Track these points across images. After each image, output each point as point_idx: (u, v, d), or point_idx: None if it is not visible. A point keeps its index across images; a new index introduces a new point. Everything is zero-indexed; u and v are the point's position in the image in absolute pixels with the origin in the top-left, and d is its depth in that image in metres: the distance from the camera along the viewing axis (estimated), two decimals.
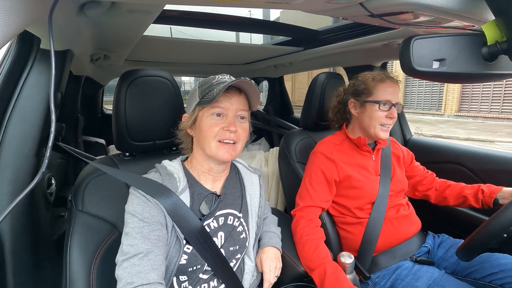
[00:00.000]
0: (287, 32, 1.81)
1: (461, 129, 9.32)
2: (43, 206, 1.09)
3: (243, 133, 0.83)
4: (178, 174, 0.82)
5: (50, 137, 0.55)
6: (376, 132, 1.16)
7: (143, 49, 1.78)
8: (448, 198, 1.25)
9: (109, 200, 0.87)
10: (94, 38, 1.18)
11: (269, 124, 3.10)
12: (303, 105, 1.49)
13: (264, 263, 0.92)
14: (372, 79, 1.18)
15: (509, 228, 0.78)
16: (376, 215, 1.14)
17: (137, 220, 0.72)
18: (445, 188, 1.27)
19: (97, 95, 3.16)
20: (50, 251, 1.07)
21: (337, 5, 0.76)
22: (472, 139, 7.77)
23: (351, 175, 1.17)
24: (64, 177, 1.59)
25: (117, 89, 0.91)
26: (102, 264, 0.81)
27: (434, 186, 1.30)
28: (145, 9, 0.89)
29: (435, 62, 0.59)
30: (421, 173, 1.36)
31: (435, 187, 1.30)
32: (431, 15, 0.76)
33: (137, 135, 0.94)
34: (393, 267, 1.10)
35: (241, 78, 0.76)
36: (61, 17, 0.74)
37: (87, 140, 2.50)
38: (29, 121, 0.89)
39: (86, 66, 1.67)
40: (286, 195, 1.54)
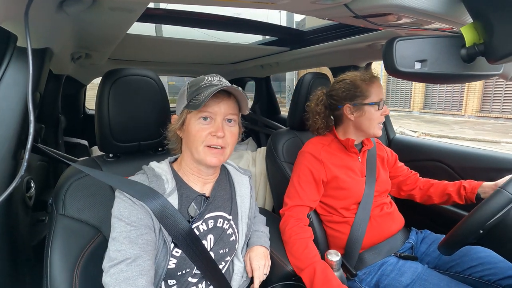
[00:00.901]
0: (273, 32, 1.82)
1: (472, 130, 9.15)
2: (22, 210, 1.05)
3: (231, 137, 0.81)
4: (166, 176, 0.80)
5: (29, 139, 0.52)
6: (375, 132, 1.18)
7: (127, 48, 1.74)
8: (432, 197, 1.28)
9: (92, 203, 0.84)
10: (74, 36, 1.14)
11: (256, 124, 3.11)
12: (290, 105, 1.50)
13: (253, 261, 0.92)
14: (363, 82, 1.17)
15: (485, 225, 0.81)
16: (361, 215, 1.16)
17: (124, 224, 0.71)
18: (428, 187, 1.30)
19: (79, 94, 3.07)
20: (30, 257, 1.03)
21: (322, 5, 0.77)
22: (478, 140, 7.69)
23: (338, 176, 1.18)
24: (44, 180, 1.53)
25: (99, 89, 0.89)
26: (85, 269, 0.78)
27: (418, 185, 1.34)
28: (129, 7, 0.87)
29: (417, 63, 0.61)
30: (405, 173, 1.39)
31: (419, 187, 1.33)
32: (412, 17, 0.78)
33: (121, 136, 0.91)
34: (378, 263, 1.13)
35: (228, 85, 0.75)
36: (38, 14, 0.71)
37: (68, 141, 2.42)
38: (6, 122, 0.85)
39: (67, 65, 1.61)
40: (274, 195, 1.54)
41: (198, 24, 1.54)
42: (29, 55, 0.51)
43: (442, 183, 1.28)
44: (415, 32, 0.99)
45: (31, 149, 0.53)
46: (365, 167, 1.25)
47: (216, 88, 0.72)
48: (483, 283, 1.00)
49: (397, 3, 0.69)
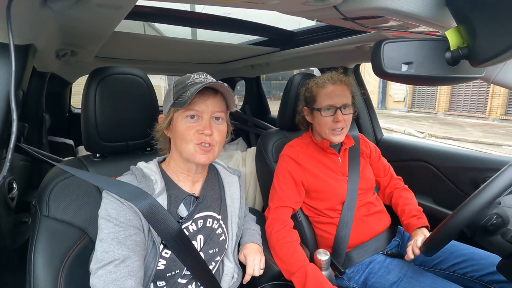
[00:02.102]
0: (263, 32, 1.82)
1: (482, 132, 9.00)
2: (4, 212, 1.01)
3: (219, 135, 0.80)
4: (155, 177, 0.79)
5: (12, 138, 0.51)
6: (329, 137, 1.19)
7: (115, 46, 1.71)
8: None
9: (78, 204, 0.82)
10: (60, 32, 1.11)
11: (246, 124, 3.10)
12: (280, 105, 1.51)
13: (248, 256, 0.92)
14: (315, 85, 1.20)
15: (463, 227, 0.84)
16: (346, 214, 1.18)
17: (112, 225, 0.69)
18: (395, 205, 1.31)
19: (64, 93, 2.99)
20: (12, 260, 1.00)
21: (312, 7, 0.78)
22: (480, 142, 7.68)
23: (317, 178, 1.20)
24: (27, 181, 1.49)
25: (86, 87, 0.87)
26: (70, 272, 0.76)
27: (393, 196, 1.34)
28: (116, 4, 0.85)
29: (403, 65, 0.62)
30: (388, 175, 1.39)
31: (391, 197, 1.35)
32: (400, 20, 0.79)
33: (108, 135, 0.90)
34: (366, 262, 1.14)
35: (214, 82, 0.74)
36: (21, 9, 0.68)
37: (53, 141, 2.35)
38: None
39: (52, 62, 1.57)
40: (263, 195, 1.55)
41: (187, 23, 1.53)
42: (12, 52, 0.50)
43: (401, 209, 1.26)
44: (402, 35, 1.01)
45: (13, 148, 0.51)
46: (347, 166, 1.27)
47: (202, 85, 0.71)
48: (466, 279, 1.04)
49: (385, 6, 0.70)
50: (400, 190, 1.34)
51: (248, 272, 0.89)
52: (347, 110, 1.18)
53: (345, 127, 1.19)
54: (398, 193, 1.32)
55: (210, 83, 0.73)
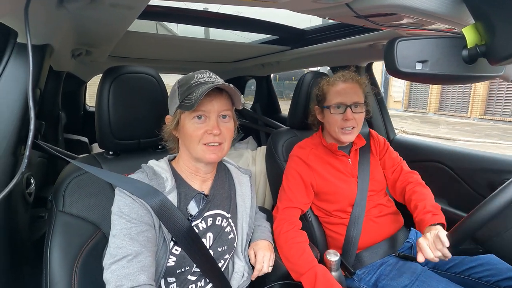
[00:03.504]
0: (274, 31, 1.81)
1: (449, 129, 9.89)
2: (22, 207, 1.05)
3: (227, 133, 0.81)
4: (165, 175, 0.80)
5: (30, 135, 0.52)
6: (338, 137, 1.17)
7: (128, 45, 1.74)
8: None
9: (92, 200, 0.84)
10: (75, 32, 1.14)
11: (257, 123, 3.11)
12: (290, 104, 1.50)
13: (258, 252, 0.92)
14: (326, 83, 1.19)
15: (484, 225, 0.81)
16: (356, 215, 1.16)
17: (124, 221, 0.71)
18: (409, 202, 1.19)
19: (79, 91, 3.07)
20: (29, 254, 1.03)
21: (324, 5, 0.77)
22: (438, 137, 8.55)
23: (327, 181, 1.18)
24: (44, 177, 1.53)
25: (100, 86, 0.89)
26: (84, 266, 0.79)
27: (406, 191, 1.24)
28: (129, 4, 0.87)
29: (418, 64, 0.61)
30: (397, 168, 1.30)
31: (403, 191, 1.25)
32: (414, 17, 0.78)
33: (120, 133, 0.91)
34: (377, 263, 1.13)
35: (219, 83, 0.74)
36: (38, 10, 0.71)
37: (69, 138, 2.42)
38: (5, 118, 0.85)
39: (67, 61, 1.61)
40: (273, 194, 1.54)
41: (199, 22, 1.54)
42: (29, 51, 0.51)
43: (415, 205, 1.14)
44: (417, 33, 0.99)
45: (31, 145, 0.53)
46: (357, 168, 1.24)
47: (208, 87, 0.71)
48: (482, 284, 1.01)
49: (399, 3, 0.68)
50: (413, 184, 1.22)
51: (257, 268, 0.89)
52: (358, 109, 1.15)
53: (356, 126, 1.16)
54: (411, 188, 1.21)
55: (217, 84, 0.73)
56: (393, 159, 1.33)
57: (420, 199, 1.13)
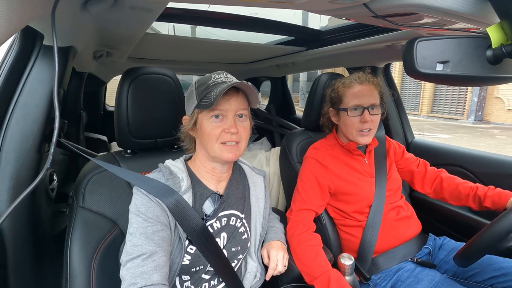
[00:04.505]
0: (290, 32, 1.81)
1: None
2: (45, 202, 1.09)
3: (244, 132, 0.82)
4: (181, 174, 0.82)
5: (54, 133, 0.55)
6: (356, 139, 1.15)
7: (146, 47, 1.78)
8: (444, 190, 1.21)
9: (110, 197, 0.87)
10: (97, 35, 1.18)
11: (271, 124, 3.10)
12: (305, 106, 1.49)
13: (272, 251, 0.92)
14: (342, 86, 1.18)
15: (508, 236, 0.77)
16: (373, 217, 1.14)
17: (141, 220, 0.72)
18: (451, 187, 1.20)
19: (99, 91, 3.17)
20: (51, 247, 1.08)
21: (341, 5, 0.76)
22: None
23: (345, 181, 1.17)
24: (65, 173, 1.60)
25: (119, 86, 0.91)
26: (102, 261, 0.81)
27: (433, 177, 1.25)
28: (148, 7, 0.89)
29: (438, 64, 0.59)
30: (416, 163, 1.32)
31: (433, 178, 1.25)
32: (435, 17, 0.75)
33: (138, 133, 0.94)
34: (394, 269, 1.10)
35: (237, 82, 0.75)
36: (64, 13, 0.74)
37: (89, 137, 2.50)
38: (31, 117, 0.90)
39: (89, 62, 1.67)
40: (287, 195, 1.54)
41: (215, 24, 1.56)
42: (55, 53, 0.54)
43: (465, 188, 1.16)
44: (438, 32, 0.96)
45: (56, 143, 0.55)
46: (374, 167, 1.23)
47: (226, 86, 0.73)
48: None
49: (419, 3, 0.67)
50: (449, 176, 1.23)
51: (271, 266, 0.89)
52: (375, 110, 1.14)
53: (373, 128, 1.15)
54: (448, 176, 1.22)
55: (235, 83, 0.74)
56: (411, 156, 1.34)
57: (469, 184, 1.16)
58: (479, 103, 10.90)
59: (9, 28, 0.39)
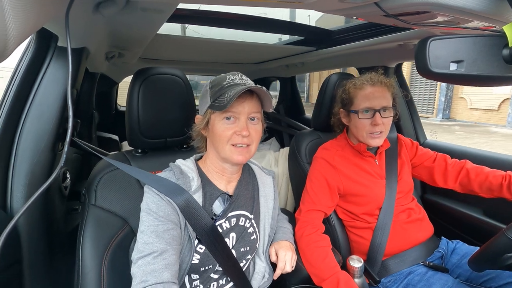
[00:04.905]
0: (300, 32, 1.80)
1: None
2: (58, 199, 1.12)
3: (256, 135, 0.82)
4: (192, 174, 0.82)
5: (68, 133, 0.56)
6: (367, 141, 1.13)
7: (157, 48, 1.81)
8: (472, 180, 1.13)
9: (121, 195, 0.88)
10: (109, 36, 1.20)
11: (280, 124, 3.09)
12: (314, 106, 1.48)
13: (280, 251, 0.92)
14: (353, 87, 1.15)
15: None
16: (384, 219, 1.12)
17: (152, 218, 0.73)
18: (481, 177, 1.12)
19: (111, 92, 3.23)
20: (64, 243, 1.10)
21: (351, 4, 0.75)
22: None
23: (355, 182, 1.15)
24: (78, 172, 1.63)
25: (130, 87, 0.93)
26: (113, 258, 0.82)
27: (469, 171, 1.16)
28: (159, 8, 0.90)
29: (452, 64, 0.58)
30: (433, 157, 1.26)
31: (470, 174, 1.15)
32: (449, 15, 0.74)
33: (149, 132, 0.95)
34: (405, 272, 1.08)
35: (252, 86, 0.75)
36: (77, 15, 0.75)
37: (101, 136, 2.55)
38: (46, 116, 0.92)
39: (101, 63, 1.70)
40: (295, 196, 1.53)
41: (224, 24, 1.56)
42: (69, 54, 0.55)
43: (496, 176, 1.08)
44: (451, 31, 0.94)
45: (70, 142, 0.57)
46: (384, 169, 1.20)
47: (241, 89, 0.72)
48: None
49: (432, 1, 0.65)
50: (475, 166, 1.16)
51: (280, 266, 0.89)
52: (386, 113, 1.11)
53: (384, 130, 1.12)
54: (474, 166, 1.15)
55: (249, 86, 0.74)
56: (428, 151, 1.28)
57: (500, 173, 1.09)
58: (446, 103, 11.35)
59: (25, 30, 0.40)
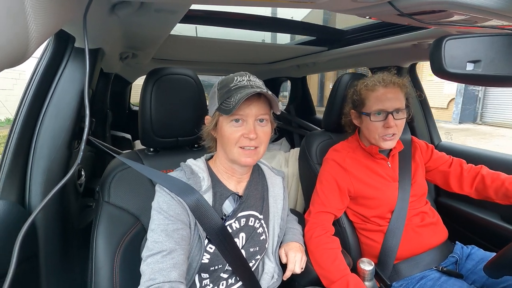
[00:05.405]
0: (311, 32, 1.79)
1: None
2: (74, 196, 1.15)
3: (264, 136, 0.81)
4: (202, 174, 0.83)
5: (85, 131, 0.57)
6: (378, 143, 1.11)
7: (169, 48, 1.83)
8: (487, 187, 1.10)
9: (133, 193, 0.90)
10: (123, 37, 1.23)
11: (290, 125, 3.08)
12: (326, 106, 1.47)
13: (290, 252, 0.91)
14: (364, 88, 1.12)
15: None
16: (396, 223, 1.10)
17: (162, 217, 0.74)
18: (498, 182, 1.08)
19: (125, 92, 3.29)
20: (78, 239, 1.13)
21: (365, 4, 0.74)
22: None
23: (366, 185, 1.13)
24: (92, 169, 1.67)
25: (143, 87, 0.94)
26: (124, 255, 0.84)
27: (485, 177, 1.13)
28: (172, 9, 0.91)
29: (469, 64, 0.56)
30: (449, 162, 1.23)
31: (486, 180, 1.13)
32: (466, 14, 0.72)
33: (161, 131, 0.97)
34: (417, 276, 1.06)
35: (257, 90, 0.74)
36: (94, 17, 0.77)
37: (114, 135, 2.60)
38: (63, 115, 0.95)
39: (116, 64, 1.74)
40: (305, 197, 1.52)
41: (236, 25, 1.57)
42: (87, 55, 0.57)
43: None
44: (468, 30, 0.91)
45: (86, 140, 0.58)
46: (397, 171, 1.18)
47: (246, 94, 0.72)
48: None
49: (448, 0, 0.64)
50: (492, 172, 1.13)
51: (289, 267, 0.88)
52: (399, 114, 1.09)
53: (397, 132, 1.10)
54: (490, 172, 1.12)
55: (254, 91, 0.73)
56: (444, 155, 1.25)
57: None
58: None
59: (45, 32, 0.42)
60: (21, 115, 0.89)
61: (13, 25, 0.33)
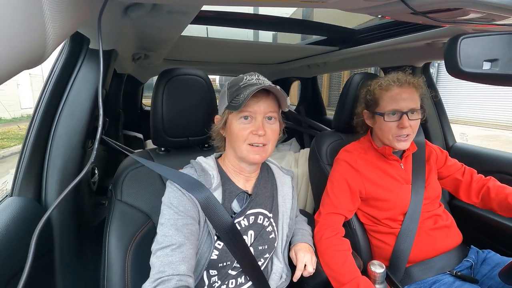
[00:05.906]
0: (322, 31, 1.77)
1: None
2: (87, 194, 1.18)
3: (272, 134, 0.82)
4: (212, 172, 0.84)
5: (98, 130, 0.59)
6: (393, 144, 1.09)
7: (181, 49, 1.85)
8: (492, 200, 1.10)
9: (145, 192, 0.92)
10: (136, 38, 1.25)
11: (300, 125, 3.07)
12: (336, 106, 1.45)
13: (299, 252, 0.91)
14: (379, 88, 1.10)
15: None
16: (408, 225, 1.07)
17: (172, 212, 0.76)
18: (502, 196, 1.08)
19: (137, 92, 3.34)
20: (92, 236, 1.16)
21: (377, 2, 0.73)
22: None
23: (378, 187, 1.11)
24: (105, 168, 1.71)
25: (155, 87, 0.96)
26: (136, 252, 0.86)
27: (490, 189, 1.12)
28: (183, 10, 0.93)
29: (485, 63, 0.54)
30: (461, 171, 1.22)
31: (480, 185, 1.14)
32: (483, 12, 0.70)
33: (172, 131, 0.98)
34: (430, 281, 1.04)
35: (266, 85, 0.75)
36: (108, 19, 0.79)
37: (126, 134, 2.65)
38: (77, 115, 0.97)
39: (128, 64, 1.78)
40: (315, 197, 1.51)
41: (247, 25, 1.58)
42: (101, 56, 0.58)
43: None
44: (485, 29, 0.89)
45: (100, 139, 0.60)
46: (411, 174, 1.15)
47: (255, 88, 0.73)
48: None
49: None
50: (498, 185, 1.12)
51: (299, 267, 0.88)
52: (414, 115, 1.06)
53: (411, 133, 1.08)
54: (496, 185, 1.11)
55: (263, 86, 0.74)
56: (456, 162, 1.24)
57: None
58: None
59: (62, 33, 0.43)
60: (38, 115, 0.92)
61: (32, 27, 0.35)
